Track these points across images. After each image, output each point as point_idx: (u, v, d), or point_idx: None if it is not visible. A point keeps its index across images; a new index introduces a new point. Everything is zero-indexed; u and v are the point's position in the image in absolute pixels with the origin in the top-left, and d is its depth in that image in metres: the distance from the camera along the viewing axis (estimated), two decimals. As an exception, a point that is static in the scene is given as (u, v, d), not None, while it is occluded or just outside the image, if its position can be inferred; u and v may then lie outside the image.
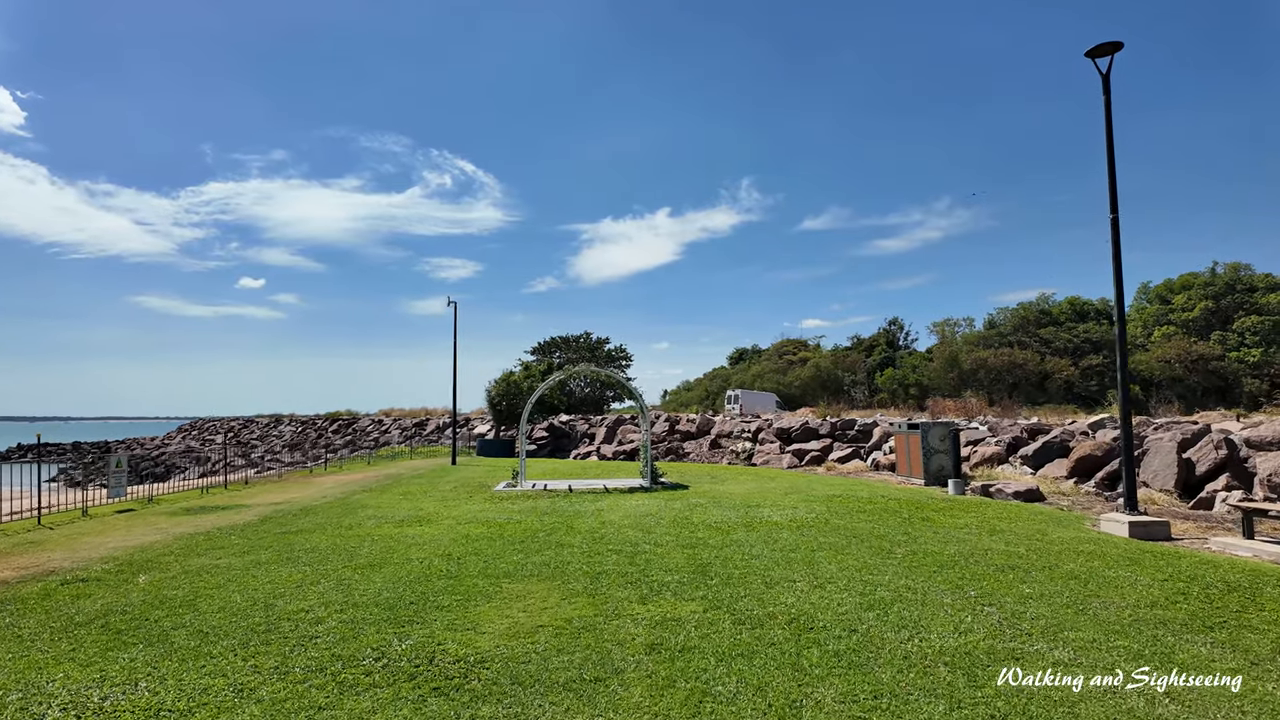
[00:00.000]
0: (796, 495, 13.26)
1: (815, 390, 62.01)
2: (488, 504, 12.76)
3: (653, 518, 10.62)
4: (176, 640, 5.08)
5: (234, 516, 11.76)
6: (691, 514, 10.96)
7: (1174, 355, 53.03)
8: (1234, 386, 50.60)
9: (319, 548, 8.59)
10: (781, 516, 10.47)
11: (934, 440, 15.64)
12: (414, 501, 13.29)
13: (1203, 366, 52.70)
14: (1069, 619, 5.31)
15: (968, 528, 9.45)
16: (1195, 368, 52.76)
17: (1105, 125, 10.28)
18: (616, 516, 10.81)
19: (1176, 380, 51.79)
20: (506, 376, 34.24)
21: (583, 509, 11.79)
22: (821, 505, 11.77)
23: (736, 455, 23.82)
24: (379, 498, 14.10)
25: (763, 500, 12.56)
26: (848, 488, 14.66)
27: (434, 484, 16.91)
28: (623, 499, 13.23)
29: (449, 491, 15.01)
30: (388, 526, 10.17)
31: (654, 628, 5.14)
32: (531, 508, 12.07)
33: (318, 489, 16.59)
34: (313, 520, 10.99)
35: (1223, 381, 51.55)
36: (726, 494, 13.75)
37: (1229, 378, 51.54)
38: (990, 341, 60.99)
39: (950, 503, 12.09)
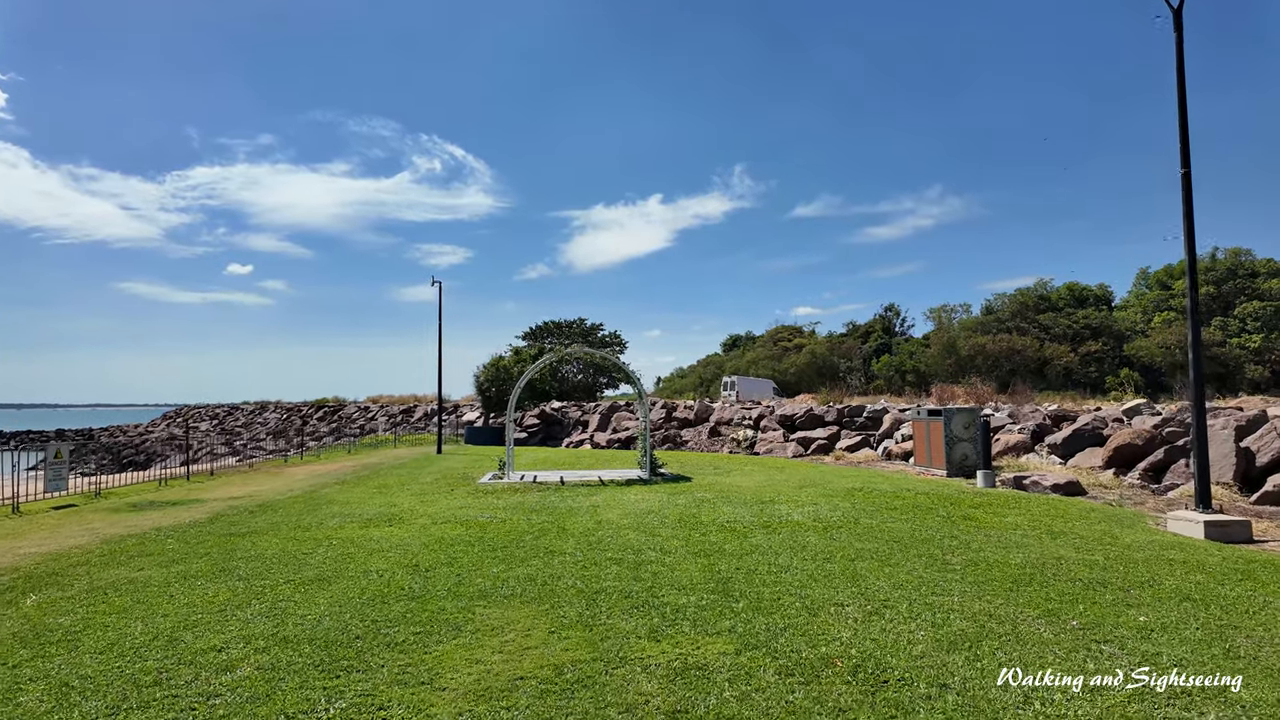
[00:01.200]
0: (813, 489, 11.99)
1: (811, 377, 60.95)
2: (469, 499, 11.42)
3: (655, 516, 9.32)
4: (24, 702, 3.73)
5: (182, 514, 10.38)
6: (699, 511, 9.66)
7: (1174, 341, 52.14)
8: (1235, 373, 49.78)
9: (264, 555, 7.24)
10: (803, 515, 9.18)
11: (957, 428, 14.40)
12: (388, 496, 11.94)
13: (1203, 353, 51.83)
14: (1223, 663, 4.03)
15: (1020, 528, 8.20)
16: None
17: (1176, 68, 8.95)
18: (614, 515, 9.49)
19: (1177, 367, 50.97)
20: (496, 361, 32.81)
21: (576, 505, 10.47)
22: (844, 501, 10.51)
23: (738, 444, 22.56)
24: (350, 491, 12.74)
25: (776, 495, 11.28)
26: (866, 480, 13.40)
27: (414, 475, 15.56)
28: (620, 493, 11.92)
29: (429, 484, 13.66)
30: (351, 527, 8.83)
31: (673, 680, 3.83)
32: (518, 504, 10.75)
33: (287, 481, 15.21)
34: (268, 519, 9.63)
35: (1223, 368, 50.76)
36: (734, 487, 12.47)
37: (1230, 364, 50.74)
38: (988, 327, 60.03)
39: (985, 497, 10.84)
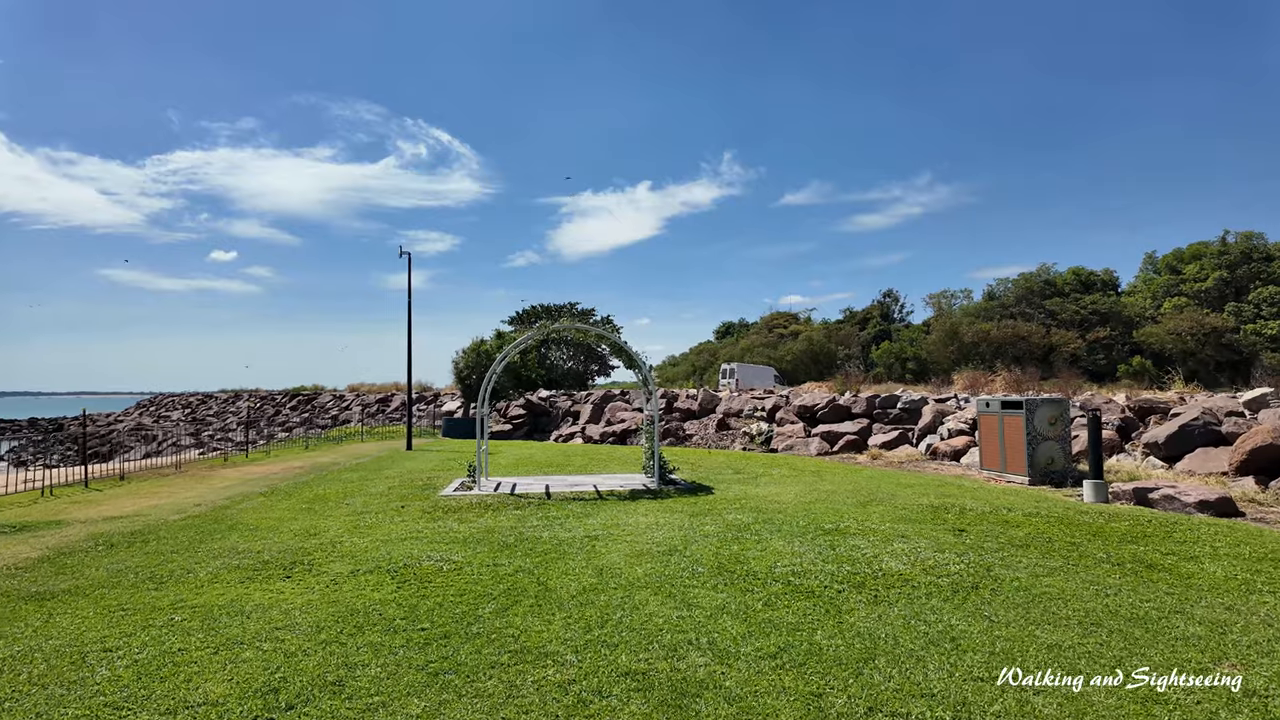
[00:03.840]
0: (880, 507, 9.07)
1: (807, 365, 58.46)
2: (422, 523, 8.42)
3: (682, 559, 6.37)
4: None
5: (13, 548, 7.33)
6: (743, 549, 6.71)
7: (1186, 327, 49.84)
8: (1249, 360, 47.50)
9: (35, 653, 4.24)
10: (900, 560, 6.25)
11: (1041, 423, 11.53)
12: (316, 517, 8.93)
13: (1216, 339, 49.68)
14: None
15: (1250, 587, 5.33)
16: (1208, 340, 49.75)
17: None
18: (621, 557, 6.52)
19: (1189, 354, 48.69)
20: (476, 346, 29.64)
21: (566, 536, 7.50)
22: (936, 528, 7.60)
23: (751, 439, 19.66)
24: (272, 508, 9.72)
25: (837, 517, 8.35)
26: (938, 491, 10.51)
27: (365, 482, 12.54)
28: (625, 512, 8.96)
29: (378, 496, 10.64)
30: (226, 584, 5.81)
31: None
32: (485, 532, 7.76)
33: (206, 489, 12.15)
34: (118, 562, 6.60)
35: (1237, 355, 48.60)
36: (773, 503, 9.54)
37: (1244, 351, 48.55)
38: (991, 313, 57.65)
39: (1124, 522, 7.96)
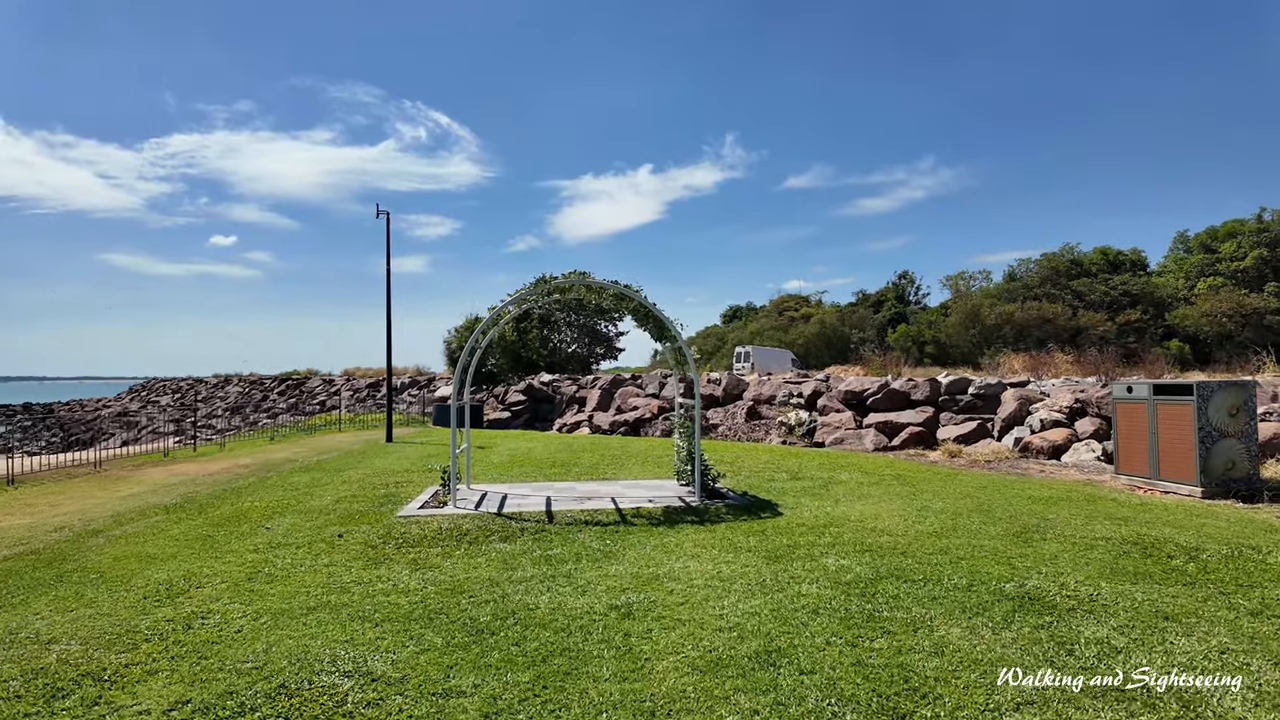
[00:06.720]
0: (1049, 544, 6.04)
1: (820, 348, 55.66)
2: (356, 568, 5.43)
3: (791, 674, 3.38)
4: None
5: None
6: (900, 646, 3.72)
7: (1224, 309, 46.59)
8: (1293, 343, 44.31)
9: None
10: (1235, 693, 3.26)
11: (1218, 414, 8.49)
12: (202, 557, 5.95)
13: (1257, 321, 46.44)
14: None
15: None
16: (1248, 322, 46.51)
17: None
18: (679, 669, 3.51)
19: (1226, 337, 45.56)
20: (470, 324, 26.61)
21: (577, 610, 4.50)
22: (1197, 597, 4.61)
23: (789, 429, 16.66)
24: (151, 538, 6.73)
25: (1002, 562, 5.34)
26: (1088, 510, 7.48)
27: (312, 489, 9.57)
28: (665, 554, 5.96)
29: (315, 515, 7.64)
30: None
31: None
32: (447, 596, 4.76)
33: (104, 497, 9.20)
34: None
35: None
36: (878, 532, 6.53)
37: (1288, 333, 45.34)
38: (1014, 295, 54.53)
39: None
